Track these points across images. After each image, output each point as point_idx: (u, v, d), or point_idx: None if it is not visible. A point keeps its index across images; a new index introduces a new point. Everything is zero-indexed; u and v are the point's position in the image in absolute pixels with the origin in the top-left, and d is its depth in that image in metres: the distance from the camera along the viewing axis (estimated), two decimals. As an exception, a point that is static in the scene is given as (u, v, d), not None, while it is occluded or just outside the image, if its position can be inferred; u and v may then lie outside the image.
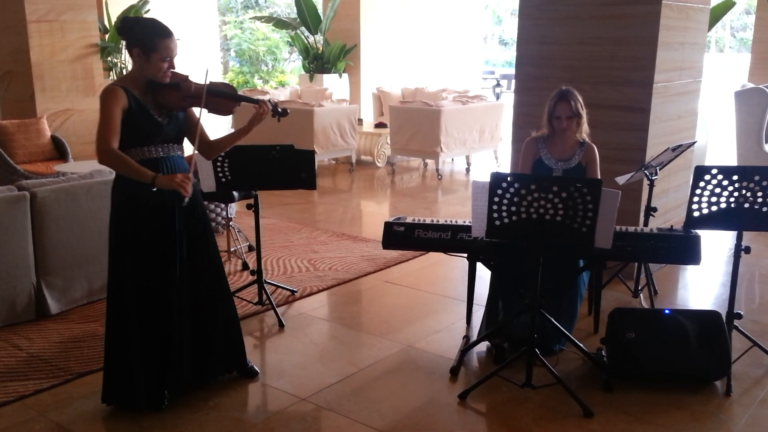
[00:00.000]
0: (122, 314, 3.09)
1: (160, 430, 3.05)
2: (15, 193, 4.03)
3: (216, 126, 11.25)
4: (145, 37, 2.94)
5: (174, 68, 3.04)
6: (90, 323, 4.12)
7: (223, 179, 4.07)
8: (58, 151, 7.28)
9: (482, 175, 8.91)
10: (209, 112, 3.17)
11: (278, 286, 4.66)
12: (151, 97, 3.03)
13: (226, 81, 18.77)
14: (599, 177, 3.86)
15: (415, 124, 8.80)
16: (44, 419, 3.12)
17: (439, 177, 8.90)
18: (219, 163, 4.02)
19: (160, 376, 3.16)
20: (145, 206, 3.03)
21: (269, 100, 3.27)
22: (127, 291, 3.07)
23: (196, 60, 12.97)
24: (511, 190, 3.02)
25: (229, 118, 10.75)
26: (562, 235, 3.07)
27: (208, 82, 3.11)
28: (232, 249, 5.44)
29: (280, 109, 3.32)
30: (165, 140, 3.07)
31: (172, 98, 3.05)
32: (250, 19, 20.19)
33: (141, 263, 3.07)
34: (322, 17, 12.42)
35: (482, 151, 9.70)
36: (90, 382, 3.43)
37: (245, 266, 5.17)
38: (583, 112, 3.87)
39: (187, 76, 3.11)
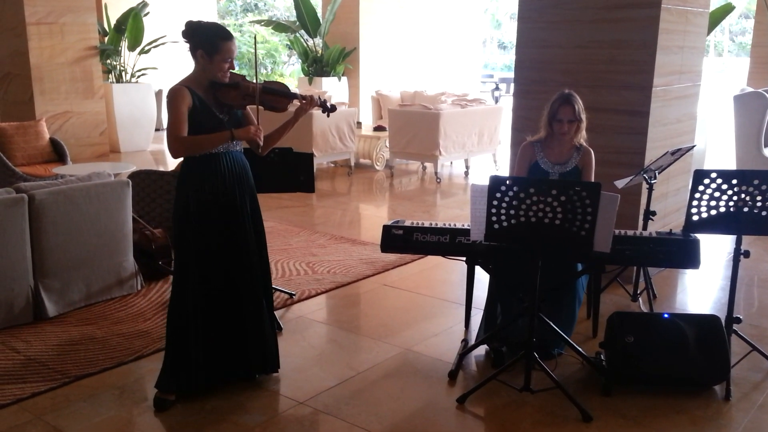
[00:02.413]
0: (190, 298, 3.23)
1: (158, 433, 3.04)
2: (13, 195, 4.02)
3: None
4: (209, 39, 3.12)
5: (234, 69, 3.21)
6: (87, 326, 4.10)
7: (222, 182, 4.05)
8: (57, 153, 7.27)
9: (481, 178, 8.92)
10: (266, 109, 3.33)
11: (276, 290, 4.65)
12: (212, 96, 3.20)
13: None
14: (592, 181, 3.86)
15: (414, 127, 8.80)
16: (41, 422, 3.11)
17: (438, 180, 8.90)
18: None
19: (229, 356, 3.35)
20: (214, 188, 3.20)
21: (319, 97, 3.45)
22: (196, 275, 3.23)
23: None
24: (510, 193, 3.02)
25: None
26: (561, 238, 3.06)
27: (263, 82, 3.32)
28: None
29: (329, 105, 3.51)
30: None
31: (232, 96, 3.21)
32: (250, 22, 20.21)
33: (210, 247, 3.23)
34: (321, 20, 12.43)
35: (481, 155, 9.70)
36: (87, 385, 3.42)
37: (244, 269, 5.16)
38: (584, 117, 3.87)
39: (243, 76, 3.27)
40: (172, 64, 12.03)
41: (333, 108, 3.55)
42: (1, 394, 3.31)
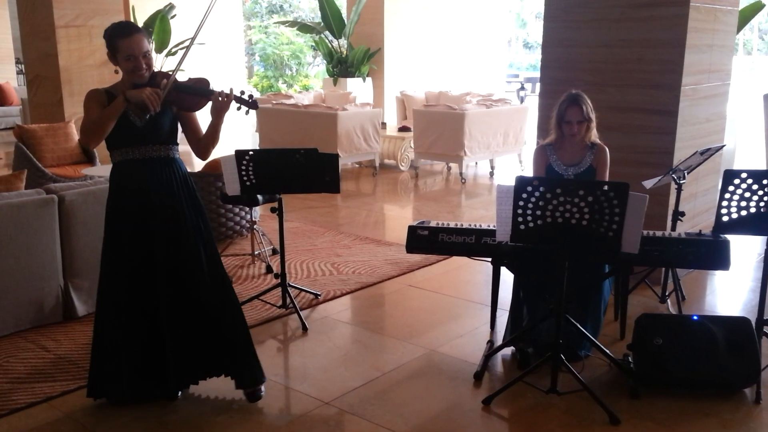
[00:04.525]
0: (105, 306, 3.17)
1: (185, 431, 3.06)
2: (43, 196, 4.08)
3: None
4: (109, 39, 3.01)
5: (142, 67, 3.02)
6: (116, 325, 4.15)
7: (248, 183, 4.08)
8: (86, 154, 7.37)
9: (506, 178, 8.87)
10: (178, 109, 3.14)
11: (302, 290, 4.67)
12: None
13: (250, 85, 18.92)
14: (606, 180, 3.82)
15: (439, 127, 8.78)
16: (71, 420, 3.16)
17: (463, 181, 8.87)
18: (244, 167, 4.04)
19: (145, 367, 3.19)
20: (131, 196, 3.09)
21: (242, 92, 3.19)
22: (109, 283, 3.15)
23: (222, 64, 13.07)
24: (537, 194, 3.00)
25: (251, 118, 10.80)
26: (588, 239, 3.03)
27: (187, 80, 3.11)
28: (256, 252, 5.46)
29: (251, 100, 3.19)
30: (143, 142, 3.07)
31: None
32: (275, 23, 20.32)
33: (121, 256, 3.13)
34: (346, 21, 12.46)
35: (506, 155, 9.65)
36: (116, 384, 3.46)
37: (269, 269, 5.19)
38: (593, 116, 3.84)
39: (168, 74, 3.08)
40: (199, 65, 12.16)
41: (254, 104, 3.19)
42: (32, 392, 3.36)
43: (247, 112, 3.23)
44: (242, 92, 3.20)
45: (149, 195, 3.10)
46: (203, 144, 3.23)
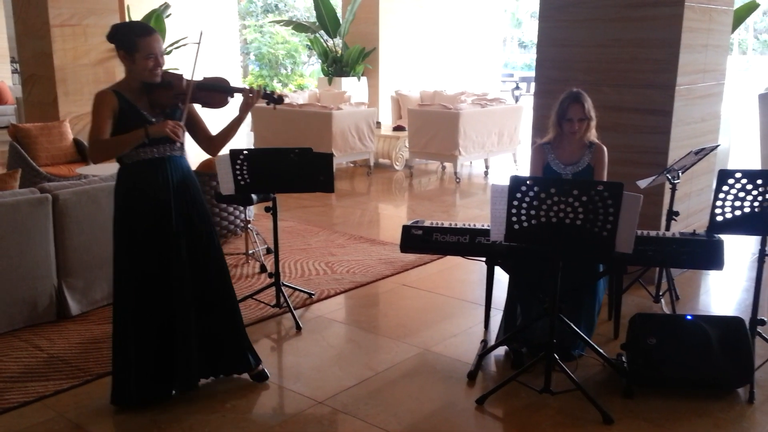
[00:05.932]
0: (123, 310, 3.17)
1: (177, 431, 3.06)
2: (37, 195, 4.07)
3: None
4: (126, 38, 3.02)
5: (161, 66, 3.07)
6: (110, 325, 4.11)
7: (242, 182, 4.07)
8: (80, 154, 7.34)
9: (501, 178, 8.87)
10: (202, 106, 3.20)
11: (296, 289, 4.66)
12: (145, 99, 3.08)
13: (245, 84, 18.90)
14: (604, 180, 3.82)
15: (434, 127, 8.78)
16: (64, 420, 3.15)
17: (457, 180, 8.88)
18: (238, 166, 4.03)
19: (159, 371, 3.21)
20: (146, 199, 3.10)
21: (264, 88, 3.31)
22: (126, 286, 3.14)
23: (217, 63, 13.05)
24: (531, 193, 3.00)
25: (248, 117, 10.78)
26: (582, 239, 3.03)
27: (203, 78, 3.16)
28: (250, 251, 5.45)
29: (276, 96, 3.34)
30: (160, 141, 3.07)
31: (164, 97, 3.09)
32: (270, 22, 20.29)
33: (139, 258, 3.13)
34: (341, 20, 12.45)
35: (501, 155, 9.66)
36: (109, 383, 3.44)
37: (263, 269, 5.18)
38: (593, 115, 3.84)
39: (181, 75, 3.13)
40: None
41: (280, 99, 3.36)
42: (25, 392, 3.35)
43: (274, 107, 3.40)
44: (265, 88, 3.32)
45: (167, 195, 3.12)
46: (219, 138, 3.29)
